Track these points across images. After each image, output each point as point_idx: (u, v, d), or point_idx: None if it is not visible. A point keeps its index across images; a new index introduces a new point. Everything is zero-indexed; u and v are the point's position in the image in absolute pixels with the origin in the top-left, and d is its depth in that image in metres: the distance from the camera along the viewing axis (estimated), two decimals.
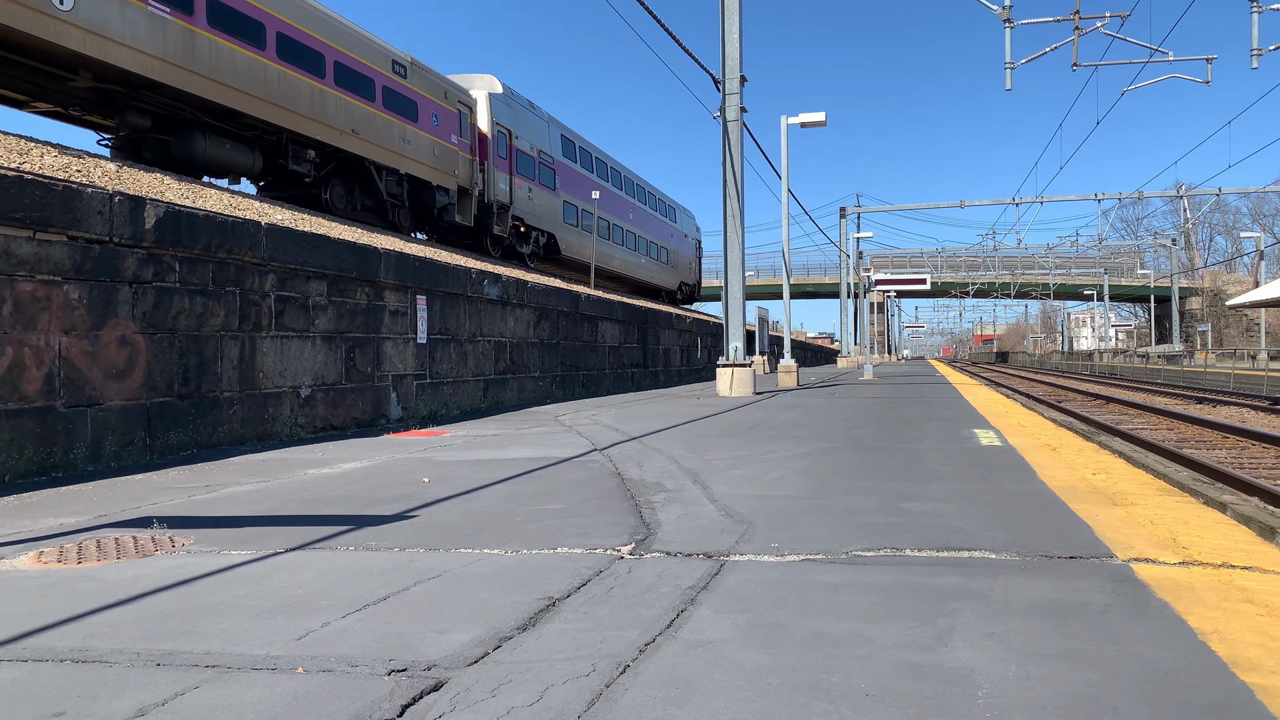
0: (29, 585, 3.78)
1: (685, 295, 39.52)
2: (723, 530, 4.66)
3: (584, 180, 26.27)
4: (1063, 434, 9.89)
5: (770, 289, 78.28)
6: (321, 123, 14.49)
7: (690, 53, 16.61)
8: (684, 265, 38.37)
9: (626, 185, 31.10)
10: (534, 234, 22.76)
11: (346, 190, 16.25)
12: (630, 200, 31.03)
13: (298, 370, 10.38)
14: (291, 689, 2.55)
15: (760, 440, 9.19)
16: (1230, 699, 2.38)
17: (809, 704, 2.39)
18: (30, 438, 7.10)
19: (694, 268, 40.42)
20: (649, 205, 33.60)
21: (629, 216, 30.68)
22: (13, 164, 7.67)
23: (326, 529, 4.85)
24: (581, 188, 25.99)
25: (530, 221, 22.22)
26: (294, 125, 13.88)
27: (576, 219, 25.67)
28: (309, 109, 14.15)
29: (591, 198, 26.37)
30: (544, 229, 23.14)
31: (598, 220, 27.03)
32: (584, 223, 26.05)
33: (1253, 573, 3.66)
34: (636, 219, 31.67)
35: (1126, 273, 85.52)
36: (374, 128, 15.94)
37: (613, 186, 29.30)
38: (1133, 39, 21.85)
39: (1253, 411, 19.69)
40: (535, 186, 22.48)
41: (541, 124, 23.41)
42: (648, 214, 33.19)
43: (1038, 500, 5.39)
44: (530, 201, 22.12)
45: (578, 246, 25.62)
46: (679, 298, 38.43)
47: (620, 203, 29.94)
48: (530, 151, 22.30)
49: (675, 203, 37.98)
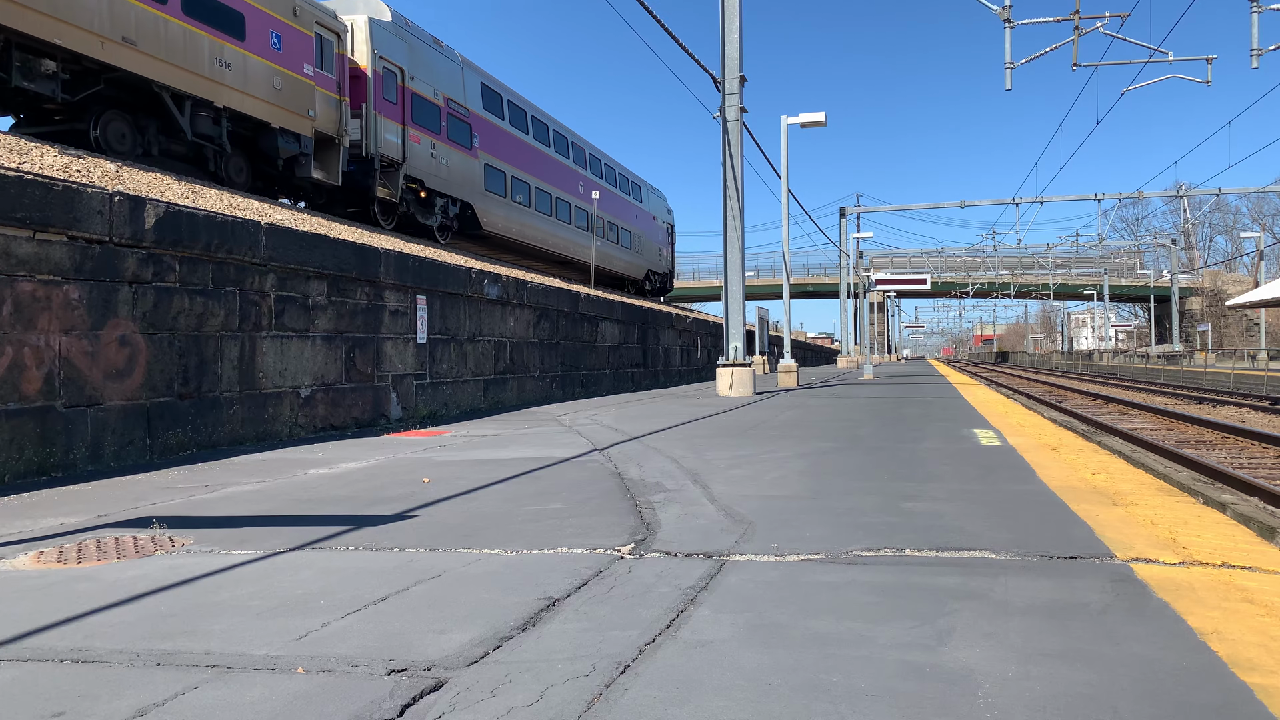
0: (29, 585, 3.78)
1: (656, 286, 35.02)
2: (723, 530, 4.66)
3: (515, 142, 21.94)
4: (1062, 434, 9.89)
5: (770, 289, 78.27)
6: (61, 20, 10.21)
7: (690, 53, 16.62)
8: (652, 251, 34.00)
9: (575, 153, 26.50)
10: (441, 202, 18.64)
11: (132, 127, 11.96)
12: (580, 172, 26.66)
13: (298, 370, 10.38)
14: (291, 689, 2.55)
15: (760, 440, 9.18)
16: (1230, 699, 2.39)
17: (809, 704, 2.39)
18: (30, 438, 7.10)
19: (665, 255, 36.05)
20: (607, 180, 29.25)
21: (578, 190, 26.28)
22: (13, 164, 7.67)
23: (326, 529, 4.85)
24: (511, 150, 21.67)
25: (434, 186, 18.10)
26: (8, 19, 9.68)
27: (504, 188, 21.23)
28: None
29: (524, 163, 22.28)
30: (455, 196, 19.00)
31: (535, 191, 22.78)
32: (516, 194, 21.82)
33: (1253, 573, 3.66)
34: (589, 194, 27.33)
35: (1126, 273, 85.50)
36: (165, 39, 11.68)
37: (557, 153, 24.90)
38: (1133, 39, 21.86)
39: (1253, 411, 19.69)
40: (442, 143, 18.30)
41: (452, 67, 19.05)
42: (604, 189, 28.68)
43: (1038, 500, 5.39)
44: (435, 161, 18.03)
45: (505, 221, 21.37)
46: (647, 289, 33.88)
47: (565, 173, 25.46)
48: (434, 99, 18.11)
49: (643, 181, 33.57)
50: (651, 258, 33.85)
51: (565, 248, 25.36)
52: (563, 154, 25.38)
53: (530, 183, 22.66)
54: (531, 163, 23.00)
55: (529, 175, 22.72)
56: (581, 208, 26.51)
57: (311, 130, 14.64)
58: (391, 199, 16.81)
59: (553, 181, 24.45)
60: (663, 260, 35.54)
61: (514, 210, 21.73)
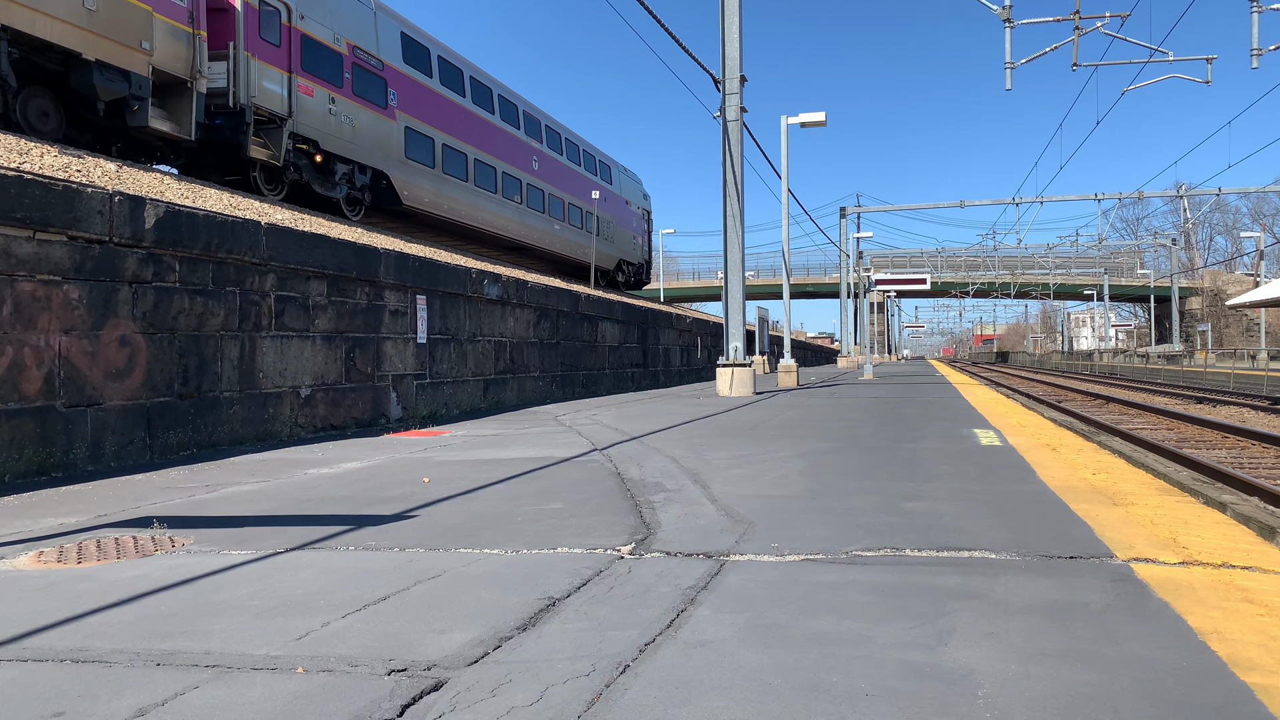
0: (29, 585, 3.78)
1: (630, 278, 31.64)
2: (723, 530, 4.66)
3: (447, 106, 18.77)
4: (1062, 434, 9.89)
5: (770, 289, 78.27)
6: None
7: (690, 53, 16.62)
8: (624, 239, 30.50)
9: (528, 124, 23.07)
10: (344, 169, 15.56)
11: None
12: (534, 145, 23.29)
13: (298, 370, 10.38)
14: (291, 689, 2.55)
15: (760, 440, 9.18)
16: (1230, 699, 2.38)
17: (809, 704, 2.39)
18: (30, 438, 7.10)
19: (640, 244, 32.53)
20: (569, 156, 25.97)
21: (532, 166, 22.96)
22: (13, 164, 7.67)
23: (326, 529, 4.85)
24: (442, 114, 18.56)
25: (334, 149, 15.04)
26: None
27: (432, 157, 18.05)
28: None
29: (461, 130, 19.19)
30: (365, 163, 16.01)
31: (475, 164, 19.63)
32: (449, 165, 18.71)
33: (1253, 572, 3.66)
34: (546, 171, 24.00)
35: (1126, 273, 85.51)
36: None
37: (504, 122, 21.67)
38: (1133, 39, 21.86)
39: (1253, 411, 19.69)
40: (345, 99, 15.34)
41: (362, 11, 16.12)
42: (566, 167, 25.62)
43: (1038, 500, 5.39)
44: (334, 120, 15.00)
45: (434, 197, 18.26)
46: (620, 280, 30.47)
47: (515, 146, 22.17)
48: (334, 45, 15.16)
49: (614, 161, 30.18)
50: (624, 246, 30.44)
51: (517, 232, 22.14)
52: (511, 123, 21.99)
53: (468, 153, 19.44)
54: (470, 131, 19.76)
55: (467, 145, 19.47)
56: (536, 186, 23.14)
57: (147, 68, 11.43)
58: (273, 161, 13.71)
59: (499, 154, 21.09)
60: (638, 249, 32.17)
61: (447, 184, 18.59)
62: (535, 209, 23.16)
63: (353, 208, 16.17)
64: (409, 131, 17.36)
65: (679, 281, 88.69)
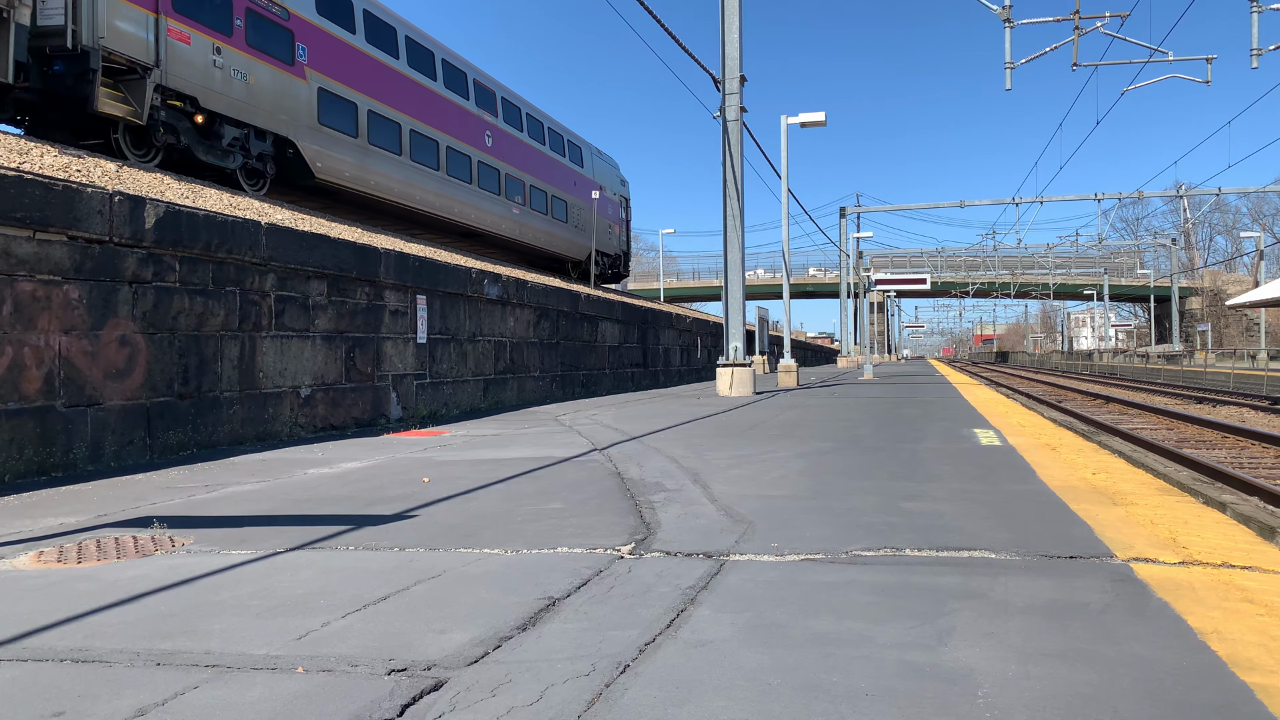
0: (29, 585, 3.78)
1: (606, 270, 28.77)
2: (722, 530, 4.66)
3: (375, 67, 16.29)
4: (1062, 434, 9.89)
5: (770, 289, 78.27)
6: None
7: (690, 53, 16.62)
8: (599, 228, 27.69)
9: (480, 95, 20.41)
10: (235, 134, 13.08)
11: None
12: (486, 118, 20.61)
13: (298, 370, 10.38)
14: (291, 689, 2.55)
15: (760, 440, 9.18)
16: (1230, 699, 2.38)
17: (809, 704, 2.39)
18: (30, 437, 7.10)
19: (618, 233, 29.65)
20: (531, 134, 23.25)
21: (484, 141, 20.35)
22: (13, 164, 7.67)
23: (326, 529, 4.85)
24: (369, 77, 16.08)
25: (221, 109, 12.64)
26: None
27: (355, 126, 15.62)
28: None
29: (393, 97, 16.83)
30: (264, 128, 13.57)
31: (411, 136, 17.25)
32: (377, 136, 16.33)
33: (1253, 572, 3.66)
34: (503, 148, 21.35)
35: (1126, 273, 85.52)
36: None
37: (450, 90, 19.04)
38: (1133, 39, 21.87)
39: (1252, 411, 19.69)
40: (236, 50, 12.84)
41: None
42: (527, 146, 22.85)
43: (1037, 500, 5.39)
44: (221, 74, 12.53)
45: (358, 171, 15.69)
46: (596, 273, 27.65)
47: (463, 118, 19.56)
48: None
49: (586, 142, 27.31)
50: (599, 235, 27.67)
51: (466, 215, 19.50)
52: (458, 92, 19.36)
53: (402, 123, 17.04)
54: (406, 98, 17.28)
55: (401, 114, 17.05)
56: (490, 164, 20.60)
57: None
58: (135, 119, 11.32)
59: (442, 126, 18.53)
60: (615, 239, 29.14)
61: (373, 157, 16.17)
62: (489, 190, 20.50)
63: (254, 181, 13.80)
64: (324, 94, 14.82)
65: (679, 281, 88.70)
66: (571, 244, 25.62)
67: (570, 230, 25.50)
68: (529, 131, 23.02)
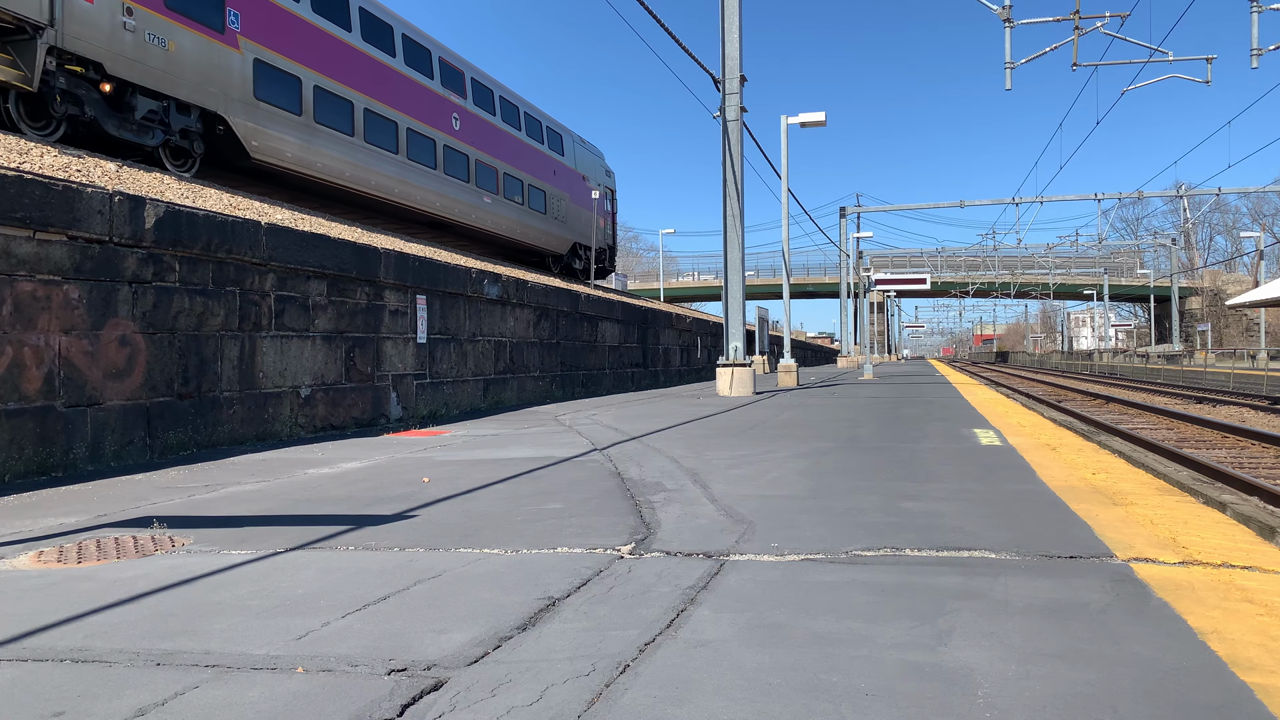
0: (29, 585, 3.78)
1: (589, 264, 27.40)
2: (722, 530, 4.66)
3: (320, 39, 14.87)
4: (1062, 433, 9.89)
5: (770, 289, 78.30)
6: None
7: (690, 53, 16.62)
8: (581, 220, 26.26)
9: (446, 75, 19.01)
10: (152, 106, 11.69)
11: None
12: (454, 100, 19.21)
13: (297, 370, 10.38)
14: (291, 689, 2.55)
15: (760, 440, 9.18)
16: (1230, 699, 2.39)
17: (809, 704, 2.39)
18: (30, 437, 7.10)
19: (602, 226, 28.16)
20: (505, 118, 21.75)
21: (451, 125, 19.01)
22: (12, 164, 7.67)
23: (326, 529, 4.85)
24: (312, 49, 14.66)
25: (134, 77, 11.24)
26: None
27: (298, 102, 14.25)
28: None
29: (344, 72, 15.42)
30: (190, 102, 12.13)
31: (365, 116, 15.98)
32: (324, 114, 14.87)
33: (1253, 572, 3.66)
34: (472, 133, 19.92)
35: (1126, 272, 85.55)
36: None
37: (411, 68, 17.66)
38: (1133, 39, 21.87)
39: (1252, 411, 19.70)
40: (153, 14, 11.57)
41: None
42: (500, 131, 21.40)
43: (1037, 500, 5.39)
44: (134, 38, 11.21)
45: (302, 153, 14.32)
46: (578, 267, 26.43)
47: (427, 98, 18.17)
48: None
49: (567, 130, 25.80)
50: (580, 228, 26.16)
51: (430, 203, 18.13)
52: (421, 70, 18.02)
53: (355, 101, 15.71)
54: (358, 74, 15.91)
55: (352, 91, 15.67)
56: (458, 149, 19.21)
57: None
58: (23, 85, 10.03)
59: (402, 106, 17.27)
60: (598, 232, 27.70)
61: (320, 137, 14.77)
62: (456, 177, 19.09)
63: (180, 161, 12.43)
64: (260, 66, 13.44)
65: (679, 281, 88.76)
66: (550, 236, 24.09)
67: (549, 222, 23.99)
68: (503, 115, 21.58)
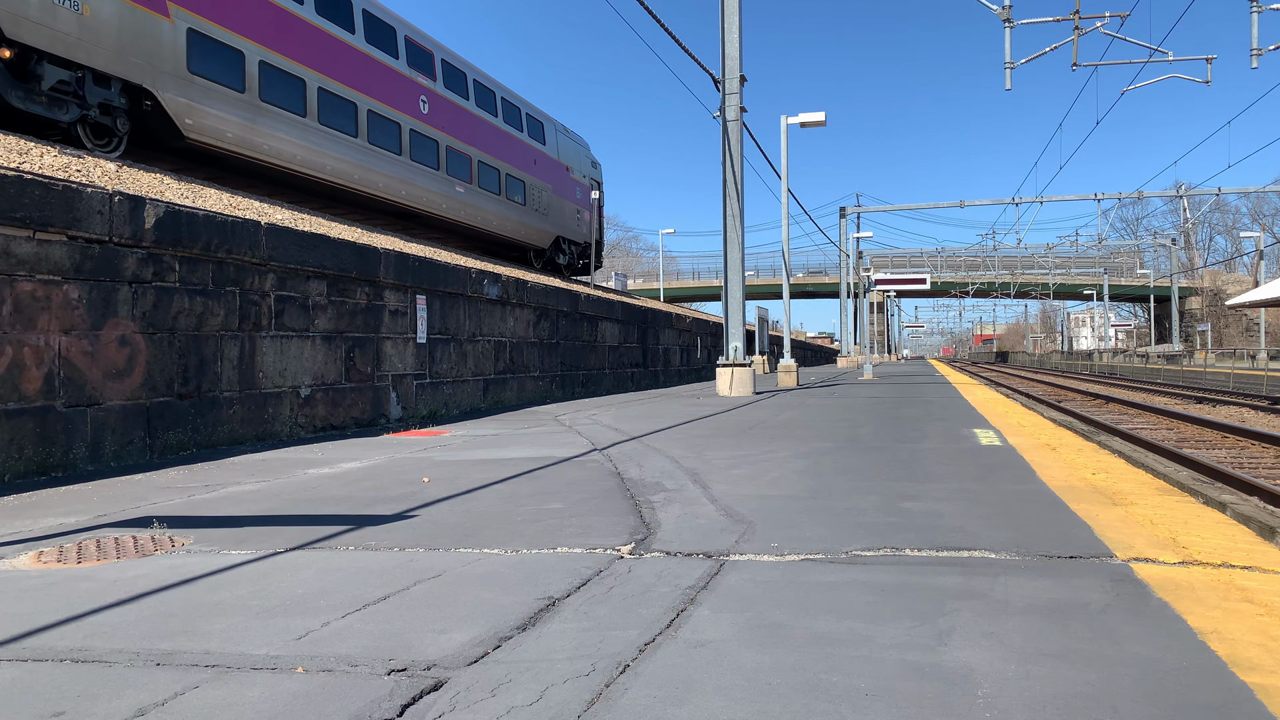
0: (29, 585, 3.78)
1: (574, 259, 26.06)
2: (722, 530, 4.66)
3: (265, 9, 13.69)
4: (1062, 433, 9.89)
5: (770, 289, 78.30)
6: None
7: (690, 53, 16.62)
8: (564, 213, 24.87)
9: (413, 55, 17.78)
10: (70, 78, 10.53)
11: None
12: (422, 82, 17.94)
13: (297, 370, 10.38)
14: (291, 689, 2.55)
15: (760, 440, 9.18)
16: (1230, 699, 2.39)
17: (809, 704, 2.39)
18: (30, 437, 7.10)
19: (586, 220, 26.65)
20: (479, 103, 20.42)
21: (419, 108, 17.79)
22: (12, 164, 7.67)
23: (326, 529, 4.85)
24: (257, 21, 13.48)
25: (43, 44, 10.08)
26: None
27: (240, 78, 13.02)
28: None
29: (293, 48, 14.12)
30: (112, 73, 10.92)
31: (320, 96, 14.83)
32: (271, 91, 13.63)
33: (1253, 572, 3.66)
34: (443, 117, 18.74)
35: (1126, 272, 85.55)
36: None
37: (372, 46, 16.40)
38: (1132, 39, 21.87)
39: (1252, 411, 19.70)
40: None
41: None
42: (474, 116, 20.13)
43: (1037, 500, 5.39)
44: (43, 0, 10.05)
45: (244, 132, 13.11)
46: (562, 262, 25.13)
47: (391, 79, 16.94)
48: None
49: (549, 118, 24.51)
50: (563, 221, 24.71)
51: (395, 191, 16.95)
52: (384, 49, 16.77)
53: (308, 80, 14.51)
54: (313, 50, 14.72)
55: (305, 68, 14.47)
56: (426, 135, 18.07)
57: None
58: None
59: (362, 86, 16.04)
60: (583, 226, 26.19)
61: (267, 117, 13.61)
62: (424, 164, 17.95)
63: (104, 140, 11.19)
64: (195, 37, 12.19)
65: (679, 281, 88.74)
66: (531, 229, 22.76)
67: (529, 214, 22.64)
68: (477, 100, 20.26)
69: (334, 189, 15.64)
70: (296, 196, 15.42)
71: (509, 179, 21.61)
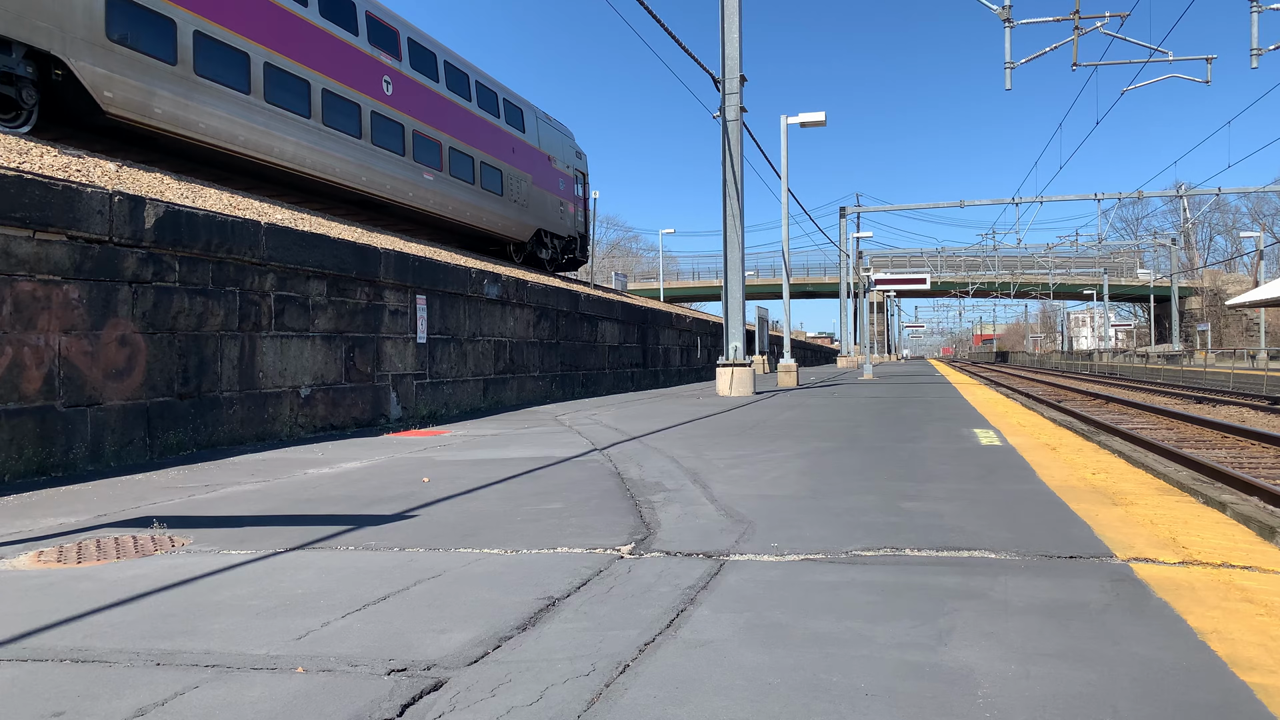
0: (29, 585, 3.78)
1: (558, 254, 24.86)
2: (722, 530, 4.66)
3: None
4: (1062, 433, 9.89)
5: (770, 289, 78.30)
6: None
7: (690, 53, 16.63)
8: (546, 205, 23.67)
9: (375, 31, 16.59)
10: None
11: None
12: (385, 61, 16.80)
13: (297, 370, 10.38)
14: (291, 689, 2.55)
15: (760, 440, 9.18)
16: (1230, 699, 2.39)
17: (809, 704, 2.39)
18: (30, 437, 7.10)
19: (571, 213, 25.42)
20: (451, 86, 19.24)
21: (382, 89, 16.65)
22: (12, 164, 7.67)
23: (326, 529, 4.85)
24: None
25: None
26: None
27: (171, 49, 11.88)
28: None
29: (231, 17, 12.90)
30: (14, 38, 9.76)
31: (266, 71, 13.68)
32: (207, 65, 12.48)
33: (1252, 572, 3.66)
34: (410, 99, 17.62)
35: (1126, 272, 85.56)
36: None
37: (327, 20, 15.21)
38: (1132, 39, 21.88)
39: (1252, 411, 19.69)
40: None
41: None
42: (446, 100, 18.99)
43: (1037, 500, 5.39)
44: None
45: (176, 109, 11.96)
46: (545, 257, 23.95)
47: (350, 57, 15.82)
48: None
49: (529, 104, 23.27)
50: (545, 213, 23.49)
51: (354, 178, 15.83)
52: (341, 24, 15.64)
53: (252, 54, 13.34)
54: (258, 23, 13.56)
55: (250, 41, 13.33)
56: (390, 118, 16.91)
57: None
58: None
59: (317, 64, 14.82)
60: (567, 219, 24.98)
61: (205, 94, 12.46)
62: (388, 150, 16.78)
63: (9, 114, 10.15)
64: (116, 2, 11.07)
65: (679, 281, 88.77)
66: (509, 221, 21.61)
67: (507, 205, 21.42)
68: (449, 83, 19.02)
69: (285, 173, 14.43)
70: (245, 182, 14.31)
71: (484, 167, 20.47)
